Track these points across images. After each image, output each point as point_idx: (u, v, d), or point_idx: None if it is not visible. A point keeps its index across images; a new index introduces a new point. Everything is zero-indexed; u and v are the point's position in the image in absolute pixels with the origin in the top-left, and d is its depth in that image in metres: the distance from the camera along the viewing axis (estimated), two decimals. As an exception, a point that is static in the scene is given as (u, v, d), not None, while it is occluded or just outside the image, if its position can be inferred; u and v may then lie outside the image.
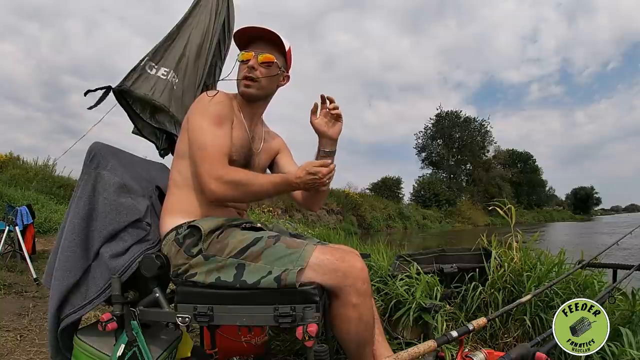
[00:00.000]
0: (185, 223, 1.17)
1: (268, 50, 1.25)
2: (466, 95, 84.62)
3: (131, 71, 1.80)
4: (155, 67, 1.83)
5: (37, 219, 4.94)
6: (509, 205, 2.18)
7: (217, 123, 1.18)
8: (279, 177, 1.21)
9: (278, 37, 1.25)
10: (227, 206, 1.27)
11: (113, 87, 1.76)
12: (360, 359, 1.13)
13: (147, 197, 1.27)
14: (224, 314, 1.06)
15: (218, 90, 1.28)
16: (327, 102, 1.28)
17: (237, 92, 1.31)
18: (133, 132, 1.95)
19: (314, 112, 1.30)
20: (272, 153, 1.43)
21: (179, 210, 1.20)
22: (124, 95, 1.79)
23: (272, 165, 1.46)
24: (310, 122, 1.30)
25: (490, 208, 2.39)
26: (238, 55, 1.27)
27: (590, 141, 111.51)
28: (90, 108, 1.75)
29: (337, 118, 1.29)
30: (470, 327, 0.98)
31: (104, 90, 1.75)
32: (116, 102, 1.83)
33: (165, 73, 1.85)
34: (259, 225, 1.28)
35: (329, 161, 1.20)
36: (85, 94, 1.74)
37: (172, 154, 1.33)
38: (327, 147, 1.30)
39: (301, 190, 1.31)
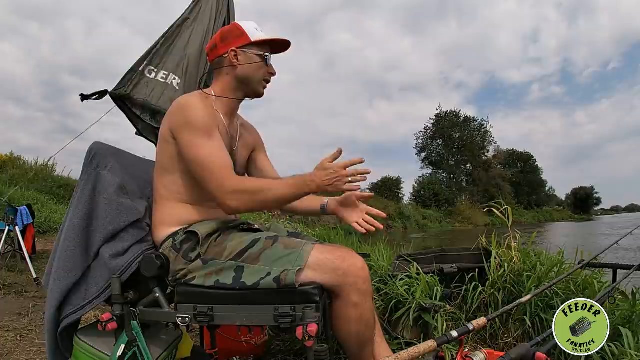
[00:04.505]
0: (180, 230, 1.16)
1: None
2: (467, 95, 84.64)
3: (127, 74, 1.81)
4: (155, 70, 1.84)
5: (37, 219, 4.93)
6: (506, 206, 2.19)
7: (209, 134, 1.13)
8: (293, 179, 1.11)
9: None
10: (217, 207, 1.22)
11: (109, 90, 1.78)
12: (360, 358, 1.13)
13: (145, 198, 1.27)
14: (224, 314, 1.06)
15: (196, 93, 1.23)
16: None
17: (209, 89, 1.27)
18: (136, 134, 1.96)
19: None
20: (249, 148, 1.40)
21: (172, 221, 1.18)
22: (124, 99, 1.81)
23: (249, 162, 1.41)
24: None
25: (485, 209, 2.40)
26: (269, 56, 1.25)
27: (590, 141, 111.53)
28: (83, 99, 1.75)
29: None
30: (470, 327, 0.98)
31: (100, 92, 1.77)
32: (114, 105, 1.84)
33: (164, 76, 1.86)
34: (256, 226, 1.27)
35: (339, 150, 1.09)
36: (82, 99, 1.74)
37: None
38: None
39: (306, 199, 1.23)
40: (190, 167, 1.14)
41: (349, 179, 1.07)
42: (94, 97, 1.77)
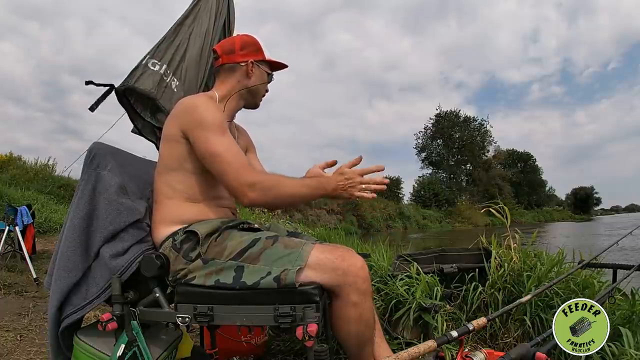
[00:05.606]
0: (180, 229, 1.16)
1: None
2: (467, 95, 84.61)
3: (133, 70, 1.80)
4: (159, 63, 1.82)
5: (37, 219, 4.93)
6: (501, 204, 2.19)
7: (222, 131, 1.16)
8: (310, 180, 1.16)
9: None
10: (221, 207, 1.26)
11: (116, 86, 1.76)
12: (360, 358, 1.13)
13: (145, 198, 1.27)
14: (224, 314, 1.06)
15: (201, 94, 1.29)
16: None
17: (211, 91, 1.33)
18: (132, 132, 1.95)
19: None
20: (243, 150, 1.41)
21: (173, 219, 1.18)
22: (126, 93, 1.78)
23: None
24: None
25: (482, 210, 2.42)
26: (272, 74, 1.39)
27: (590, 141, 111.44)
28: (92, 109, 1.75)
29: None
30: (470, 327, 0.98)
31: (106, 89, 1.75)
32: (124, 110, 1.83)
33: (166, 73, 1.85)
34: (255, 225, 1.28)
35: (359, 158, 1.14)
36: (87, 83, 1.72)
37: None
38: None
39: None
40: (206, 162, 1.15)
41: (363, 186, 1.11)
42: (102, 100, 1.76)
